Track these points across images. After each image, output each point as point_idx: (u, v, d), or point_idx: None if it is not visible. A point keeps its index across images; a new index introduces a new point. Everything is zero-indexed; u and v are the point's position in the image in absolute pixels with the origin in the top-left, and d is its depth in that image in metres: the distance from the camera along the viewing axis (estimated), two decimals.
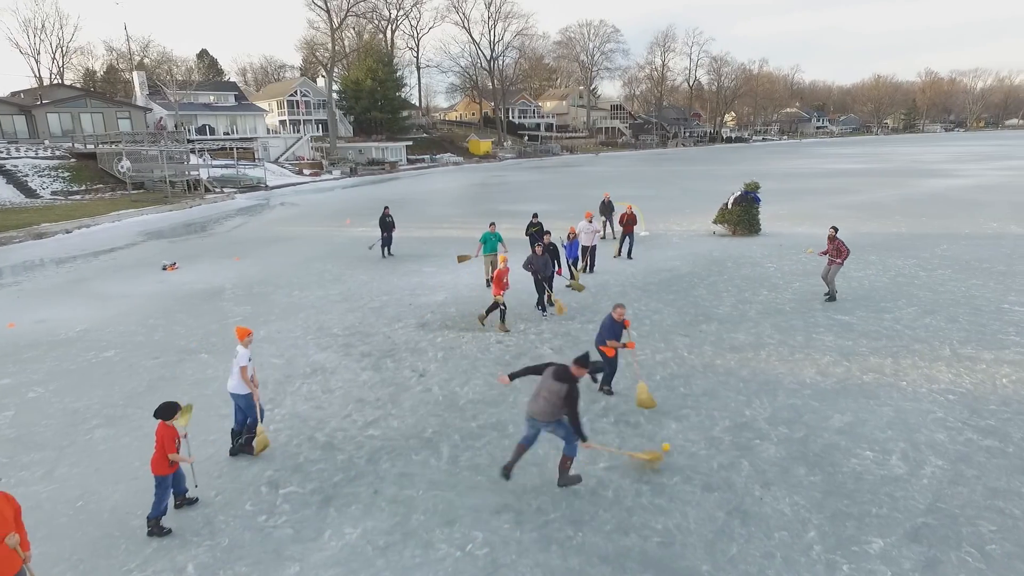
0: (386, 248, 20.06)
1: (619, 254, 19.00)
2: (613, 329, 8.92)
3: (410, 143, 76.89)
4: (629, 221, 18.94)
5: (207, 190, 42.38)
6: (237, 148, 56.93)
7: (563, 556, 5.88)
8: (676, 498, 6.68)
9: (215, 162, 50.89)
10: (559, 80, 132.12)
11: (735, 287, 15.31)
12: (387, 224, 19.80)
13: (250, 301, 15.32)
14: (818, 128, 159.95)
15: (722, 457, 7.45)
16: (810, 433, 7.93)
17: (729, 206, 22.66)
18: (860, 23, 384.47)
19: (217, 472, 7.47)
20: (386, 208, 20.29)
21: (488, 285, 15.72)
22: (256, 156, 59.41)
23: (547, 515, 6.48)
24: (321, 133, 76.22)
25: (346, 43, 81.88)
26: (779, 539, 5.96)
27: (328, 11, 69.79)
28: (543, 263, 13.10)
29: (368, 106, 77.35)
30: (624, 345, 8.93)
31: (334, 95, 74.21)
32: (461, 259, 16.26)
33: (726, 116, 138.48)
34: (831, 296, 13.91)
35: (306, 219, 31.33)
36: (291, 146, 65.37)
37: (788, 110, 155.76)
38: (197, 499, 6.85)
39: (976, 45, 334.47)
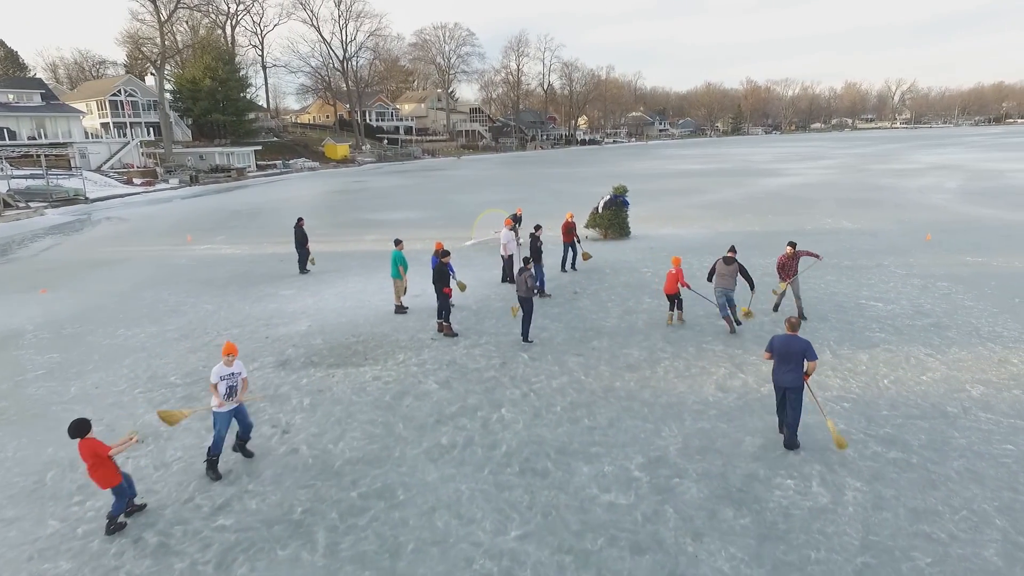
0: (307, 260, 18.96)
1: (564, 269, 17.52)
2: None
3: (259, 147, 71.51)
4: (569, 230, 17.41)
5: (7, 205, 35.92)
6: (47, 155, 49.19)
7: None
8: (605, 568, 5.75)
9: (17, 172, 43.60)
10: (416, 83, 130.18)
11: (618, 296, 14.96)
12: (301, 237, 18.56)
13: (58, 347, 12.46)
14: (661, 131, 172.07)
15: (644, 506, 6.65)
16: (727, 464, 7.39)
17: (600, 210, 22.68)
18: (693, 35, 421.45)
19: None
20: (300, 220, 18.80)
21: (397, 310, 14.06)
22: (72, 164, 51.95)
23: None
24: (154, 137, 68.49)
25: (178, 38, 74.34)
26: None
27: (155, 2, 62.64)
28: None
29: (208, 108, 70.92)
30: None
31: (167, 95, 66.99)
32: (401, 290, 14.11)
33: (579, 119, 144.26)
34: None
35: (137, 237, 27.28)
36: (117, 152, 57.97)
37: (634, 114, 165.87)
38: (145, 504, 6.90)
39: (785, 59, 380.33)
